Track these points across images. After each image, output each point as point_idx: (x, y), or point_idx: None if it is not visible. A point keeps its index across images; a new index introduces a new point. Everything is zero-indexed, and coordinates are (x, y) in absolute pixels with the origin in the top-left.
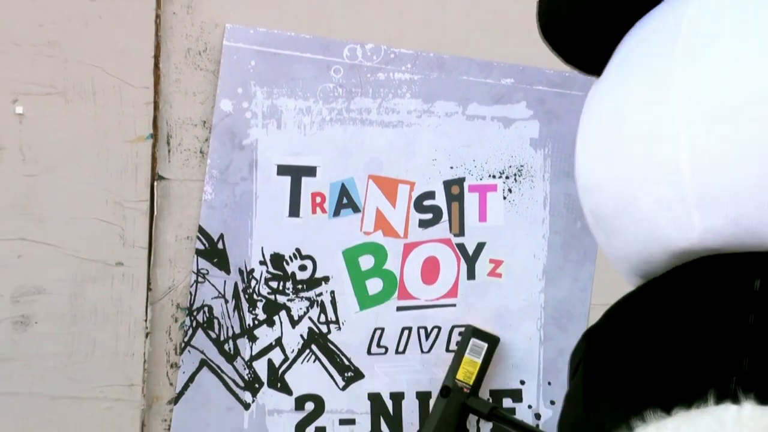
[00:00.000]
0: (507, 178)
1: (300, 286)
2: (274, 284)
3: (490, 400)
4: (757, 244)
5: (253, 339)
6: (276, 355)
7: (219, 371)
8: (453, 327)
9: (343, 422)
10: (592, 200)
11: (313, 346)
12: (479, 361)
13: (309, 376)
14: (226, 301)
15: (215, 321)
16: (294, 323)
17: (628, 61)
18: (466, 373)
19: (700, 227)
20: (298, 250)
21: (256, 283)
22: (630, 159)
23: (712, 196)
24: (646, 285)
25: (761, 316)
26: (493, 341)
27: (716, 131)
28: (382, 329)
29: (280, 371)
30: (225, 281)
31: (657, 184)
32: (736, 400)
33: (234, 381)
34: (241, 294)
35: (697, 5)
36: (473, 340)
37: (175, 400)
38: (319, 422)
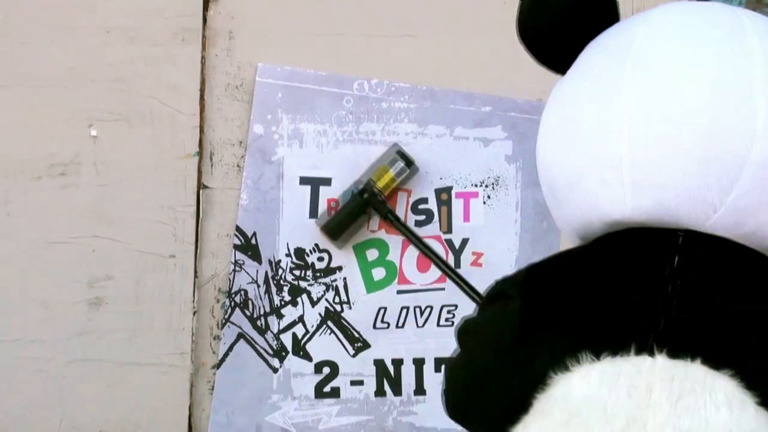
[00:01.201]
0: (486, 186)
1: (318, 274)
2: (297, 272)
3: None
4: (673, 222)
5: (280, 316)
6: (299, 329)
7: (253, 342)
8: (442, 306)
9: (353, 383)
10: (549, 174)
11: (329, 322)
12: (397, 180)
13: (326, 346)
14: (258, 286)
15: (250, 302)
16: (313, 304)
17: (587, 65)
18: (385, 186)
19: (631, 204)
20: (316, 245)
21: (283, 272)
22: (582, 145)
23: (643, 182)
24: (587, 245)
25: (677, 287)
26: (412, 166)
27: (652, 133)
28: (385, 308)
29: (302, 342)
30: (257, 270)
31: (601, 168)
32: (651, 353)
33: (265, 350)
34: (271, 280)
35: (646, 29)
36: (399, 162)
37: (218, 365)
38: (334, 383)
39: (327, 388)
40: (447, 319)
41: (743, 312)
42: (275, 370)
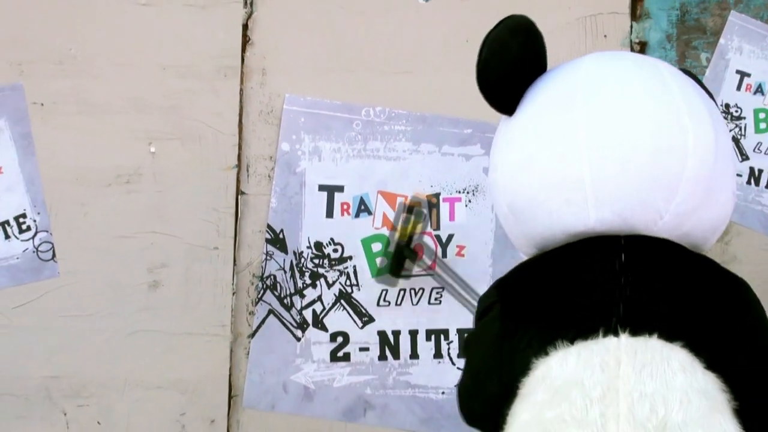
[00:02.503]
0: (467, 193)
1: (333, 262)
2: (316, 261)
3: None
4: (628, 229)
5: (302, 296)
6: (318, 306)
7: (280, 317)
8: (432, 288)
9: (361, 349)
10: (511, 197)
11: (342, 301)
12: (407, 225)
13: (339, 319)
14: (285, 272)
15: (278, 284)
16: (329, 286)
17: (537, 107)
18: (402, 234)
19: (594, 217)
20: (332, 239)
21: (305, 260)
22: (547, 173)
23: (604, 199)
24: (547, 253)
25: (628, 278)
26: (413, 209)
27: (608, 159)
28: (387, 290)
29: (321, 316)
30: (284, 259)
31: (566, 190)
32: (616, 334)
33: (290, 323)
34: (295, 267)
35: (586, 74)
36: (402, 213)
37: (252, 335)
38: (345, 349)
39: (340, 354)
40: (435, 299)
41: (683, 295)
42: (298, 339)
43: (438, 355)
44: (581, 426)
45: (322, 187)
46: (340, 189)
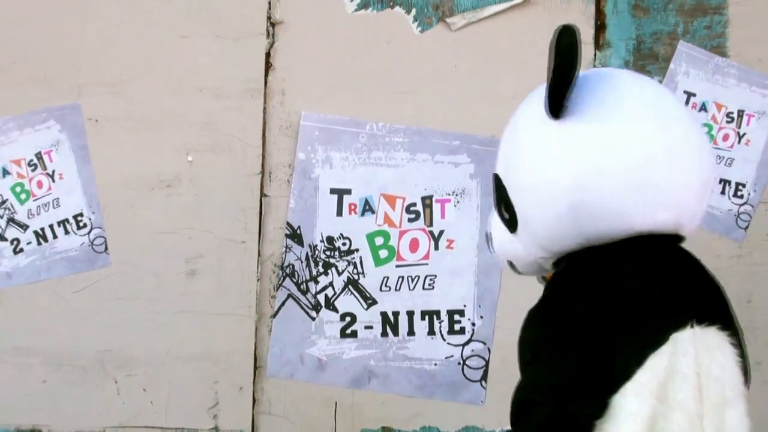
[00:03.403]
0: (456, 195)
1: (342, 254)
2: (328, 252)
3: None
4: (674, 230)
5: (316, 282)
6: (329, 291)
7: (298, 300)
8: (426, 276)
9: (366, 327)
10: (580, 195)
11: (350, 286)
12: None
13: (347, 302)
14: (302, 262)
15: (296, 273)
16: (339, 274)
17: (609, 113)
18: None
19: (661, 218)
20: (341, 233)
21: (318, 252)
22: (628, 175)
23: (672, 203)
24: (610, 250)
25: (695, 277)
26: None
27: (680, 169)
28: (388, 277)
29: (332, 300)
30: (301, 251)
31: (644, 193)
32: (692, 325)
33: (306, 305)
34: (310, 258)
35: (639, 89)
36: None
37: (274, 315)
38: (353, 328)
39: (348, 331)
40: (429, 284)
41: (718, 290)
42: (313, 319)
43: (431, 332)
44: (684, 411)
45: (333, 190)
46: (348, 192)
